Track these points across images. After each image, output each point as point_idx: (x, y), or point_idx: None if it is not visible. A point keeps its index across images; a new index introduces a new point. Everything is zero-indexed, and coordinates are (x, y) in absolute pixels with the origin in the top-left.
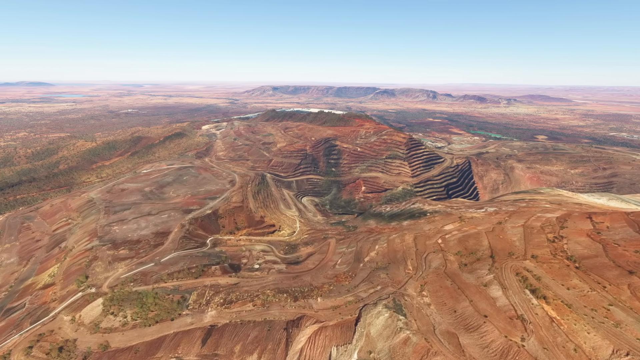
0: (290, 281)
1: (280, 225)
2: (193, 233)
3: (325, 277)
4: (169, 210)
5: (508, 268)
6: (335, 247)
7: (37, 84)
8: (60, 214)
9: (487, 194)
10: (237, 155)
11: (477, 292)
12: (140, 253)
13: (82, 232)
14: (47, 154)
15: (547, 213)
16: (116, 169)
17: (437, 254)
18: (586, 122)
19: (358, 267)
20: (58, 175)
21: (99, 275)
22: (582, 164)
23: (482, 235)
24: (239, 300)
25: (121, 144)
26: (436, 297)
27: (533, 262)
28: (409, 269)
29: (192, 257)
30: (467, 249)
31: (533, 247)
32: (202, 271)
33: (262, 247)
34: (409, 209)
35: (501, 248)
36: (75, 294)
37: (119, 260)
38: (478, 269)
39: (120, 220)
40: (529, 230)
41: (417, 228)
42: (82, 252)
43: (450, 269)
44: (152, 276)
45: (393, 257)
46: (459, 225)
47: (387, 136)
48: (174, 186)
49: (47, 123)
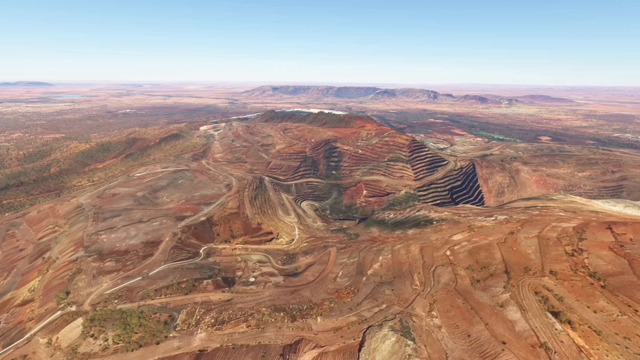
0: (288, 297)
1: (278, 232)
2: (185, 242)
3: (326, 292)
4: (161, 217)
5: (526, 286)
6: (336, 257)
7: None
8: (47, 221)
9: (492, 198)
10: (235, 157)
11: (493, 313)
12: (127, 265)
13: (67, 241)
14: (39, 156)
15: (562, 222)
16: (109, 172)
17: (446, 267)
18: (589, 122)
19: (361, 280)
20: (47, 179)
21: (82, 290)
22: (590, 167)
23: (494, 246)
24: (232, 319)
25: (116, 146)
26: (447, 318)
27: (552, 279)
28: (416, 285)
29: (183, 269)
30: (478, 263)
31: (550, 261)
32: (193, 286)
33: (259, 257)
34: (413, 216)
35: (516, 262)
36: (54, 312)
37: (104, 274)
38: (492, 286)
39: (108, 228)
40: (545, 242)
41: (423, 238)
42: (65, 264)
43: (462, 286)
44: (138, 292)
45: (398, 270)
46: (468, 235)
47: (389, 138)
48: (168, 190)
49: (43, 123)
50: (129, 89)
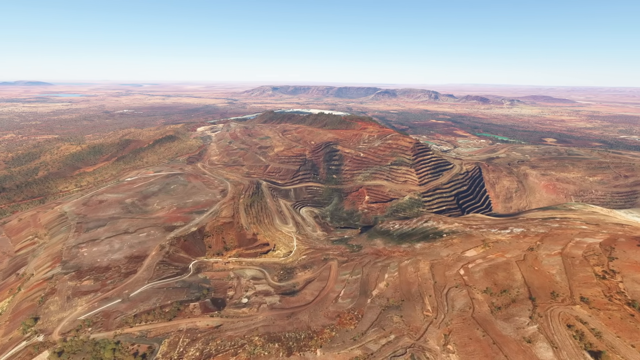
0: (284, 322)
1: (275, 244)
2: (173, 256)
3: (326, 316)
4: (149, 227)
5: (555, 316)
6: (338, 272)
7: (35, 83)
8: (27, 231)
9: (500, 204)
10: (232, 160)
11: (520, 350)
12: (106, 285)
13: (45, 255)
14: (28, 158)
15: (586, 237)
16: (99, 177)
17: (461, 290)
18: (593, 124)
19: (365, 303)
20: (32, 185)
21: (53, 315)
22: (601, 171)
23: (513, 265)
24: (220, 352)
25: (108, 148)
26: (466, 353)
27: (585, 309)
28: (428, 310)
29: (168, 289)
30: (497, 285)
31: (579, 284)
32: (177, 310)
33: (253, 273)
34: (421, 228)
35: (539, 285)
36: (19, 343)
37: (80, 295)
38: (516, 316)
39: (91, 240)
40: (570, 261)
41: (432, 253)
42: (39, 283)
43: (480, 313)
44: (116, 317)
45: (407, 291)
46: (482, 252)
47: (392, 141)
48: (159, 197)
49: (37, 124)
50: (129, 88)
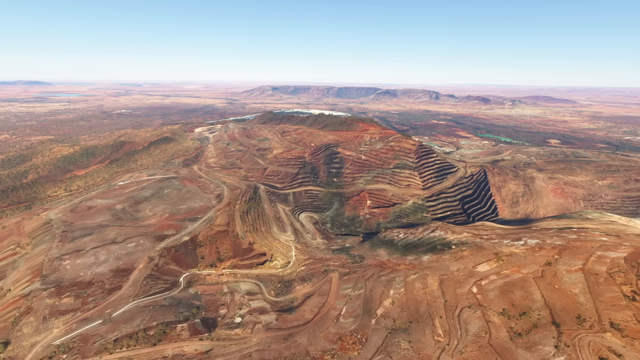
0: (281, 345)
1: (272, 253)
2: (163, 269)
3: (327, 339)
4: (139, 237)
5: (585, 346)
6: (339, 286)
7: (35, 83)
8: (9, 240)
9: (506, 208)
10: (229, 162)
11: None
12: (87, 303)
13: (25, 268)
14: (19, 160)
15: (608, 251)
16: (90, 180)
17: (474, 311)
18: (597, 124)
19: (369, 324)
20: (19, 189)
21: (25, 339)
22: (611, 175)
23: (531, 283)
24: None
25: (102, 150)
26: None
27: (618, 337)
28: (439, 335)
29: (154, 308)
30: (514, 306)
31: (607, 307)
32: (163, 333)
33: (249, 287)
34: (428, 238)
35: (562, 307)
36: None
37: (57, 315)
38: (539, 344)
39: (75, 251)
40: (594, 279)
41: (441, 267)
42: (15, 300)
43: (498, 340)
44: (94, 342)
45: (414, 310)
46: (496, 266)
47: (395, 143)
48: (152, 202)
49: (33, 125)
50: (128, 88)
